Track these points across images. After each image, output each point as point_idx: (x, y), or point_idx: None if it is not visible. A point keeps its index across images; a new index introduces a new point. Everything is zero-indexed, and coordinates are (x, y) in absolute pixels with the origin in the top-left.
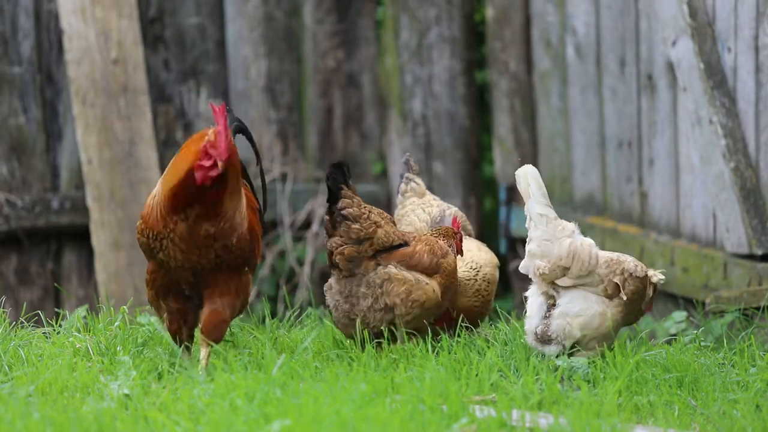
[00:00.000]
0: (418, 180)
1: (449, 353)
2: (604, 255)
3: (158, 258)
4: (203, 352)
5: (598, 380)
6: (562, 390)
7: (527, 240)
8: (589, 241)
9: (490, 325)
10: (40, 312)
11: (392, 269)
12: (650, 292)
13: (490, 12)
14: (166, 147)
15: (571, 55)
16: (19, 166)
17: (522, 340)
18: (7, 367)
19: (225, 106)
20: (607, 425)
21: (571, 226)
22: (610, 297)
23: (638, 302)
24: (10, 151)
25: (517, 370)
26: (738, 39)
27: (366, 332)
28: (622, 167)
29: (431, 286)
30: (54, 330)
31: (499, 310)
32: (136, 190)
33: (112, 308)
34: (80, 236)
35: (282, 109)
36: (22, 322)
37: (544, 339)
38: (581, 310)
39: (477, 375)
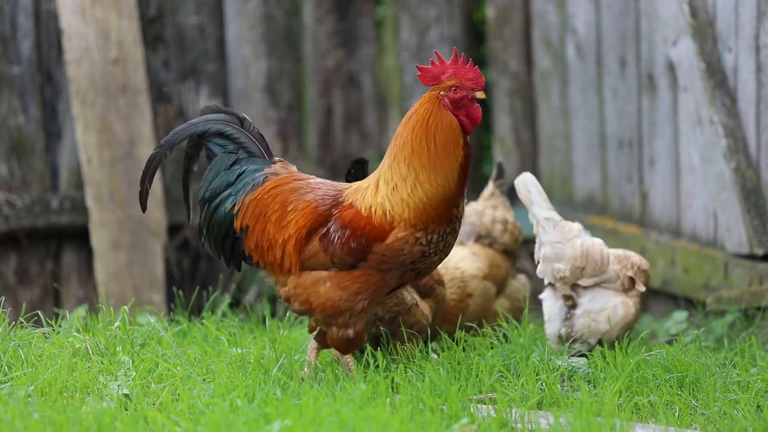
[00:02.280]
0: (491, 186)
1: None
2: (612, 251)
3: (427, 262)
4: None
5: (598, 380)
6: (563, 390)
7: (537, 245)
8: (598, 240)
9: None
10: (39, 312)
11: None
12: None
13: (490, 11)
14: None
15: (571, 55)
16: (19, 166)
17: (521, 340)
18: (6, 368)
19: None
20: (608, 425)
21: (577, 227)
22: (626, 291)
23: (646, 294)
24: (10, 151)
25: (516, 371)
26: (739, 39)
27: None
28: (623, 167)
29: (425, 313)
30: (53, 330)
31: (499, 309)
32: (136, 190)
33: (111, 308)
34: (80, 236)
35: (282, 108)
36: (21, 322)
37: (569, 340)
38: (604, 304)
39: (477, 375)
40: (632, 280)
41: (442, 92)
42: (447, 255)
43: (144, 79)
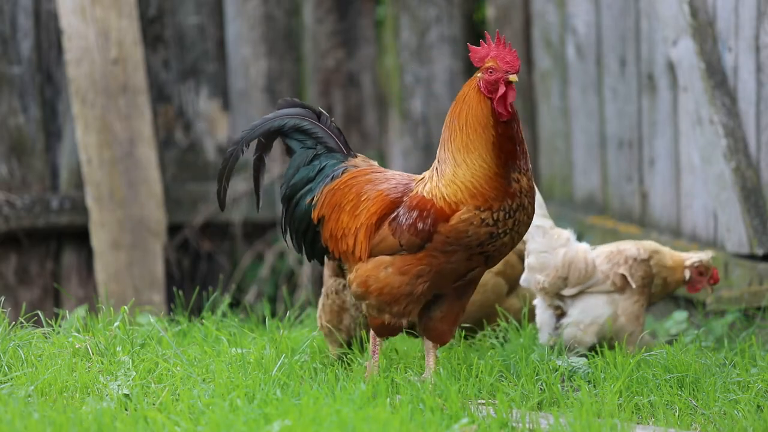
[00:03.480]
0: None
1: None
2: (604, 249)
3: (496, 244)
4: (434, 357)
5: (598, 380)
6: (563, 390)
7: (526, 252)
8: (584, 246)
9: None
10: (39, 312)
11: None
12: (688, 275)
13: (490, 11)
14: (166, 147)
15: (571, 55)
16: (19, 166)
17: (521, 341)
18: (6, 368)
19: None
20: (608, 426)
21: (566, 234)
22: (621, 290)
23: (653, 283)
24: (10, 151)
25: (516, 371)
26: (739, 39)
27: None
28: (623, 167)
29: None
30: (53, 330)
31: (499, 309)
32: (136, 189)
33: (111, 308)
34: (80, 236)
35: None
36: (21, 323)
37: (559, 349)
38: (595, 318)
39: (477, 375)
40: (624, 277)
41: (479, 74)
42: (520, 236)
43: (144, 79)
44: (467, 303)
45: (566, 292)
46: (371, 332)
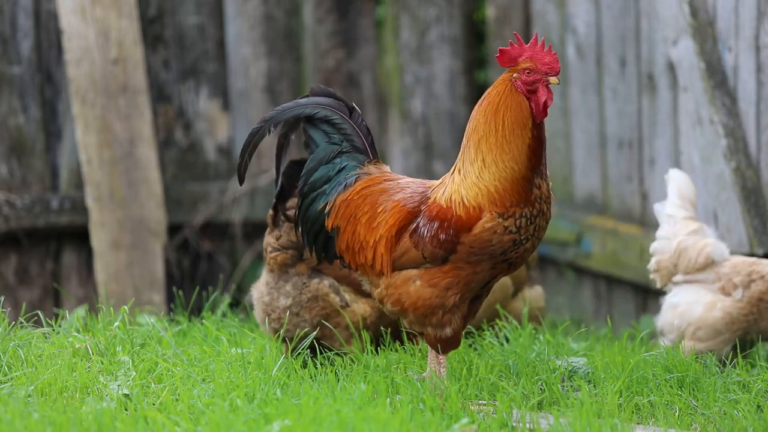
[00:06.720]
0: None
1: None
2: (739, 258)
3: (519, 250)
4: (435, 357)
5: (598, 380)
6: (563, 390)
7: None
8: (708, 241)
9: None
10: (39, 312)
11: (325, 287)
12: None
13: (491, 11)
14: (166, 147)
15: (571, 55)
16: (19, 166)
17: (521, 340)
18: (6, 368)
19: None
20: (608, 426)
21: (695, 225)
22: (728, 295)
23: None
24: (10, 151)
25: (516, 370)
26: (739, 38)
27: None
28: (623, 167)
29: (359, 312)
30: (53, 330)
31: (500, 309)
32: (136, 190)
33: (111, 308)
34: (80, 236)
35: None
36: (21, 322)
37: (660, 332)
38: (682, 299)
39: (477, 375)
40: (735, 286)
41: (515, 75)
42: (539, 240)
43: (144, 79)
44: (480, 306)
45: (675, 278)
46: (429, 351)
